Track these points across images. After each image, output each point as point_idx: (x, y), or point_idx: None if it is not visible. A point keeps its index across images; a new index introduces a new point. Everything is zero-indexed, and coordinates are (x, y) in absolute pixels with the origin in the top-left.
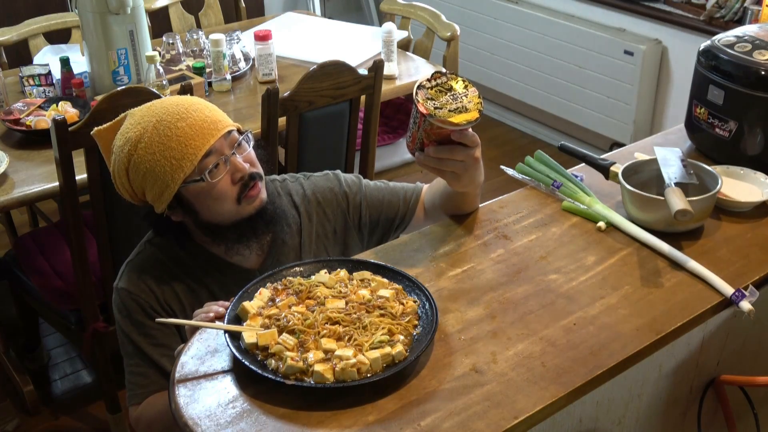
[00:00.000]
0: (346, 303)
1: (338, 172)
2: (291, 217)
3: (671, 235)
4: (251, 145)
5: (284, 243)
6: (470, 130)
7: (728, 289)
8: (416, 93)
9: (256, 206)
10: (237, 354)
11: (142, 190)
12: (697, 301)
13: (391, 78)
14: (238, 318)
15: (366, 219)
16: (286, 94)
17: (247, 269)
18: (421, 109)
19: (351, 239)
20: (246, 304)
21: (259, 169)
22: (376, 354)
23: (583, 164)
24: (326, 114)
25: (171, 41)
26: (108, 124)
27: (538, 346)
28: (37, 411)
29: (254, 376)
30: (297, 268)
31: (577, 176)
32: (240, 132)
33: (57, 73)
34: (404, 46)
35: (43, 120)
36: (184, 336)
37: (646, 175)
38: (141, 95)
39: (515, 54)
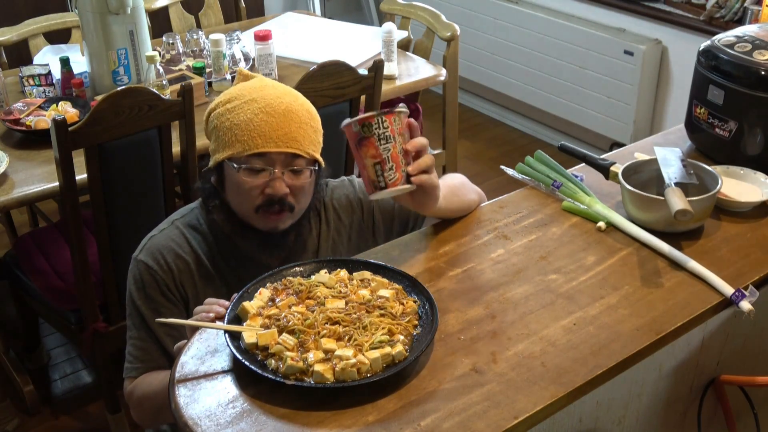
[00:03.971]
0: (346, 303)
1: (353, 177)
2: (314, 222)
3: (671, 235)
4: (311, 180)
5: (305, 246)
6: None
7: (728, 289)
8: (366, 120)
9: (267, 228)
10: (237, 354)
11: (210, 139)
12: (697, 301)
13: (391, 78)
14: (238, 318)
15: (380, 225)
16: None
17: (267, 267)
18: (393, 111)
19: (366, 245)
20: (246, 304)
21: (296, 203)
22: (376, 354)
23: (583, 164)
24: (326, 114)
25: (171, 41)
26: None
27: (538, 346)
28: (37, 411)
29: (254, 376)
30: (297, 268)
31: (577, 176)
32: (314, 164)
33: (57, 73)
34: (404, 46)
35: (43, 120)
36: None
37: (646, 175)
38: (141, 95)
39: (515, 54)
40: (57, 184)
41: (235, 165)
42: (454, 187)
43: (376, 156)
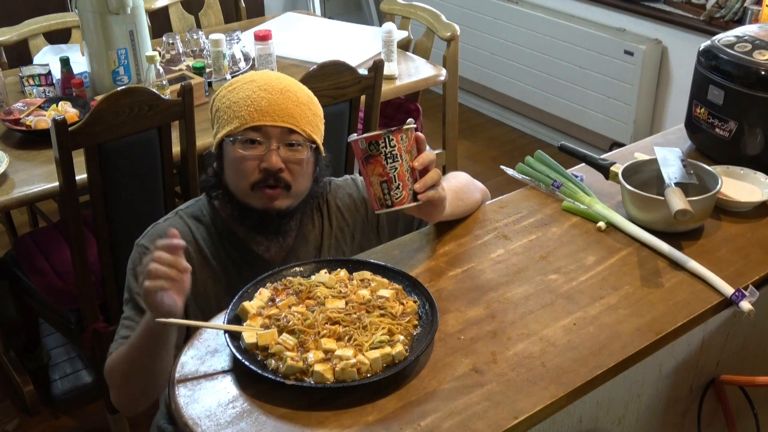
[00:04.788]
0: (346, 303)
1: (356, 176)
2: (316, 217)
3: (671, 235)
4: (308, 159)
5: (307, 241)
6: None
7: (728, 289)
8: (373, 138)
9: (264, 205)
10: (237, 354)
11: (213, 125)
12: (697, 301)
13: (391, 78)
14: (238, 318)
15: (384, 224)
16: None
17: (268, 261)
18: (401, 129)
19: (369, 244)
20: (246, 304)
21: (293, 181)
22: (376, 354)
23: (583, 164)
24: (326, 114)
25: (171, 41)
26: None
27: (538, 346)
28: (37, 411)
29: (254, 376)
30: (297, 268)
31: (577, 176)
32: (312, 144)
33: (57, 73)
34: (404, 46)
35: (43, 120)
36: (189, 309)
37: (646, 175)
38: (141, 95)
39: (515, 54)
40: (57, 184)
41: (232, 139)
42: (459, 190)
43: (382, 175)
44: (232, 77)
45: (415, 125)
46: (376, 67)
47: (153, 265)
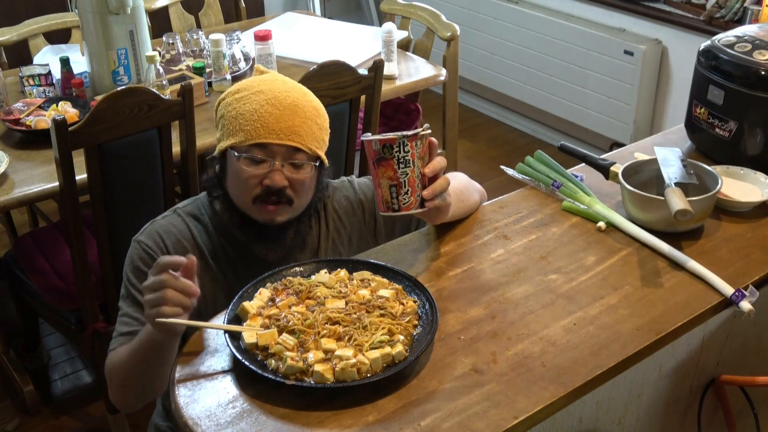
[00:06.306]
0: (346, 303)
1: (352, 178)
2: (314, 221)
3: (671, 235)
4: (311, 176)
5: (305, 245)
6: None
7: (728, 289)
8: (387, 142)
9: (264, 219)
10: (237, 354)
11: (217, 128)
12: (697, 301)
13: (391, 78)
14: (238, 318)
15: (381, 227)
16: None
17: (266, 262)
18: (417, 134)
19: (367, 246)
20: (246, 304)
21: (296, 197)
22: (376, 354)
23: (583, 164)
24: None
25: (171, 41)
26: None
27: (538, 346)
28: (37, 411)
29: (254, 376)
30: (297, 268)
31: (577, 176)
32: (316, 161)
33: (57, 73)
34: (404, 46)
35: (43, 120)
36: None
37: (646, 175)
38: (141, 95)
39: (515, 54)
40: (57, 184)
41: (237, 153)
42: (459, 192)
43: (393, 178)
44: (232, 77)
45: (430, 131)
46: (376, 67)
47: (170, 293)
